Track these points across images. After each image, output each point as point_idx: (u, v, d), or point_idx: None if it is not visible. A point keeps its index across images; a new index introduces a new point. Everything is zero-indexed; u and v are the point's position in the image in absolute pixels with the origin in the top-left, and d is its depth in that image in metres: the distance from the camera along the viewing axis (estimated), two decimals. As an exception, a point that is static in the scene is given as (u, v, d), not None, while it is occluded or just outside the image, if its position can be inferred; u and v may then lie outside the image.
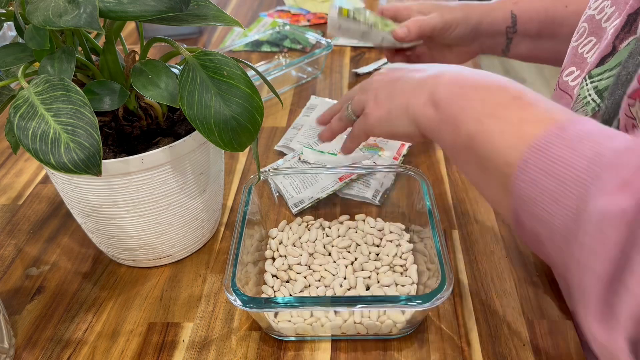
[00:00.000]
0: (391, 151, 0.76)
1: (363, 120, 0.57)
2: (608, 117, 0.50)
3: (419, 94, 0.51)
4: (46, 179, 0.80)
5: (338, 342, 0.54)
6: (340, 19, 0.80)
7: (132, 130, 0.58)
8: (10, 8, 0.52)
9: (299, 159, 0.75)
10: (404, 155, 0.76)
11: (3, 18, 0.53)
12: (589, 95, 0.52)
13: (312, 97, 0.91)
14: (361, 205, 0.68)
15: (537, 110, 0.42)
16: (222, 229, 0.69)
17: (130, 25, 1.25)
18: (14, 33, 1.07)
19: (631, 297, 0.31)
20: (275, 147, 0.81)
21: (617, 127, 0.48)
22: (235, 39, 1.17)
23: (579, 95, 0.53)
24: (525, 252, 0.63)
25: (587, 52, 0.55)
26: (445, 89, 0.49)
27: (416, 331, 0.55)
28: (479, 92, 0.46)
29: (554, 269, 0.43)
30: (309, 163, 0.74)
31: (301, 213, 0.68)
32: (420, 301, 0.48)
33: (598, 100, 0.51)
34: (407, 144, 0.77)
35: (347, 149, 0.63)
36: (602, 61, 0.51)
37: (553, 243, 0.38)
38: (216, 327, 0.57)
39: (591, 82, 0.52)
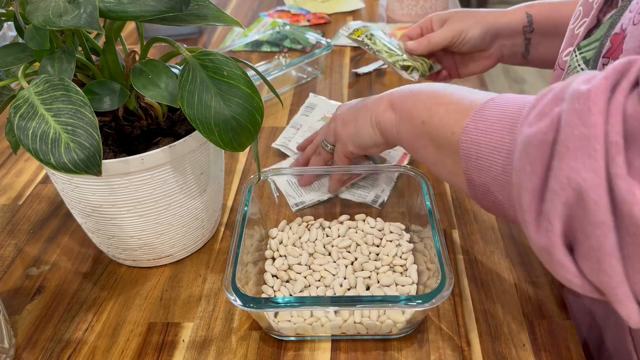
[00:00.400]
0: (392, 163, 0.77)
1: (337, 144, 0.66)
2: None
3: (379, 104, 0.61)
4: (46, 179, 0.80)
5: (338, 342, 0.54)
6: (349, 38, 0.85)
7: (132, 130, 0.58)
8: (10, 8, 0.52)
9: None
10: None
11: (3, 18, 0.53)
12: (579, 65, 0.57)
13: (311, 94, 0.91)
14: (361, 206, 0.68)
15: (472, 94, 0.51)
16: (222, 229, 0.69)
17: (130, 25, 1.25)
18: (14, 33, 1.07)
19: (555, 196, 0.37)
20: (273, 145, 0.81)
21: None
22: (235, 39, 1.17)
23: (569, 66, 0.59)
24: (525, 252, 0.63)
25: (578, 29, 0.60)
26: (398, 94, 0.59)
27: (416, 331, 0.55)
28: (425, 91, 0.56)
29: (508, 220, 0.48)
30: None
31: (301, 213, 0.68)
32: (420, 301, 0.48)
33: (586, 69, 0.56)
34: (408, 155, 0.77)
35: (334, 188, 0.69)
36: (588, 33, 0.56)
37: (500, 188, 0.45)
38: (216, 327, 0.57)
39: (580, 53, 0.57)
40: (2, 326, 0.54)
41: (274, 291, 0.58)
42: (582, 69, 0.56)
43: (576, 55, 0.58)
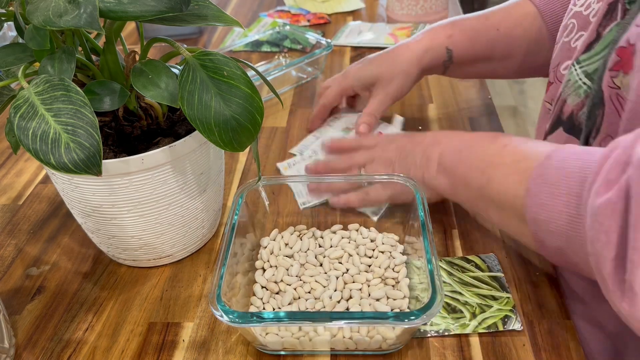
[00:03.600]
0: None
1: (383, 191, 0.65)
2: (598, 100, 0.54)
3: (429, 167, 0.61)
4: (46, 179, 0.80)
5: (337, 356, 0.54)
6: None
7: (132, 130, 0.58)
8: (11, 8, 0.52)
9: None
10: None
11: (3, 18, 0.53)
12: (580, 79, 0.57)
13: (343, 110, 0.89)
14: (358, 215, 0.67)
15: (524, 150, 0.52)
16: (222, 229, 0.69)
17: (131, 25, 1.25)
18: (14, 33, 1.07)
19: (636, 267, 0.37)
20: (290, 151, 0.81)
21: (602, 103, 0.53)
22: (235, 39, 1.17)
23: (569, 80, 0.58)
24: (525, 252, 0.63)
25: (575, 42, 0.60)
26: (448, 157, 0.60)
27: (416, 331, 0.55)
28: (475, 152, 0.57)
29: (582, 274, 0.48)
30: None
31: (294, 222, 0.66)
32: (408, 318, 0.47)
33: (589, 83, 0.56)
34: None
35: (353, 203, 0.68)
36: (588, 47, 0.56)
37: (575, 251, 0.45)
38: (216, 327, 0.57)
39: (580, 67, 0.57)
40: (2, 326, 0.54)
41: (263, 303, 0.57)
42: (584, 83, 0.56)
43: (576, 69, 0.57)
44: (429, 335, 0.54)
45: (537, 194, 0.47)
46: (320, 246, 0.63)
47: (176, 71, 0.57)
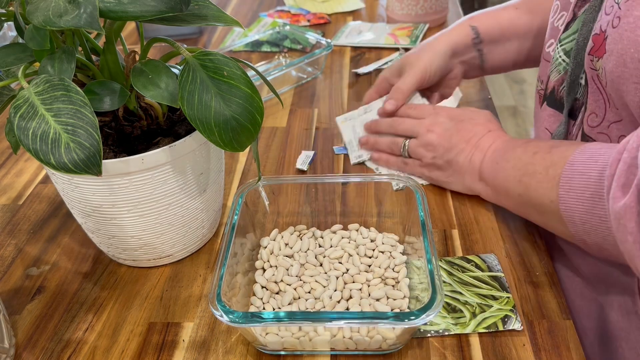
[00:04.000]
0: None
1: (420, 169, 0.72)
2: (575, 77, 0.60)
3: (472, 173, 0.67)
4: (46, 179, 0.80)
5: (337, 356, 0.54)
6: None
7: (132, 130, 0.58)
8: (11, 8, 0.52)
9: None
10: None
11: (3, 18, 0.53)
12: (560, 57, 0.63)
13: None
14: (358, 214, 0.67)
15: (552, 157, 0.56)
16: (222, 229, 0.69)
17: (131, 25, 1.25)
18: (14, 33, 1.07)
19: None
20: (337, 118, 0.84)
21: (585, 82, 0.58)
22: (235, 39, 1.17)
23: (553, 58, 0.64)
24: (525, 252, 0.63)
25: (557, 22, 0.65)
26: (487, 167, 0.64)
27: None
28: (510, 161, 0.61)
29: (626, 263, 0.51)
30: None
31: (294, 222, 0.66)
32: (408, 318, 0.47)
33: (567, 60, 0.62)
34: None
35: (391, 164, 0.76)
36: (567, 26, 0.62)
37: (613, 246, 0.49)
38: (216, 327, 0.57)
39: (560, 46, 0.62)
40: (2, 326, 0.54)
41: (263, 303, 0.57)
42: (563, 60, 0.62)
43: (557, 48, 0.63)
44: (429, 335, 0.54)
45: (567, 200, 0.52)
46: (320, 246, 0.63)
47: (176, 71, 0.57)
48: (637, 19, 0.48)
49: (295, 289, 0.58)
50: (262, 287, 0.59)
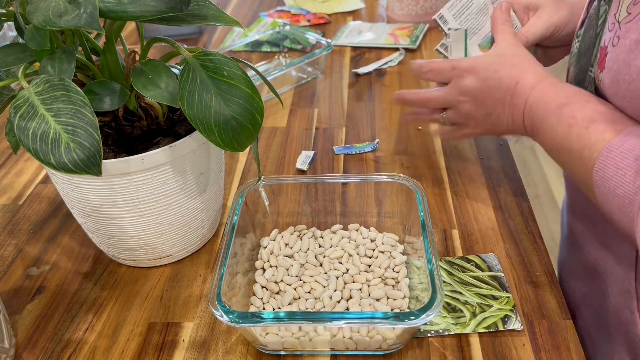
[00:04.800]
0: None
1: (471, 132, 0.68)
2: (577, 82, 0.61)
3: (517, 129, 0.63)
4: (46, 179, 0.80)
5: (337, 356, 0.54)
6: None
7: (132, 130, 0.58)
8: (11, 8, 0.52)
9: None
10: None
11: (3, 18, 0.53)
12: (576, 51, 0.62)
13: None
14: (358, 214, 0.67)
15: (590, 134, 0.53)
16: (222, 229, 0.69)
17: (131, 25, 1.25)
18: (14, 33, 1.07)
19: None
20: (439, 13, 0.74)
21: (595, 89, 0.58)
22: (235, 39, 1.17)
23: (572, 51, 0.63)
24: (525, 252, 0.63)
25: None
26: (530, 128, 0.60)
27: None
28: (547, 131, 0.57)
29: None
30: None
31: (294, 222, 0.66)
32: (408, 318, 0.47)
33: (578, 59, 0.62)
34: None
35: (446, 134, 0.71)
36: (582, 24, 0.61)
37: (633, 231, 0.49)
38: (216, 326, 0.57)
39: (577, 41, 0.62)
40: (2, 326, 0.54)
41: (263, 303, 0.57)
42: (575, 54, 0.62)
43: (576, 42, 0.62)
44: (429, 335, 0.54)
45: (600, 186, 0.51)
46: (320, 246, 0.63)
47: (176, 71, 0.57)
48: (633, 42, 0.49)
49: (295, 289, 0.58)
50: (262, 287, 0.59)
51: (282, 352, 0.54)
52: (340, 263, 0.61)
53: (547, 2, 0.71)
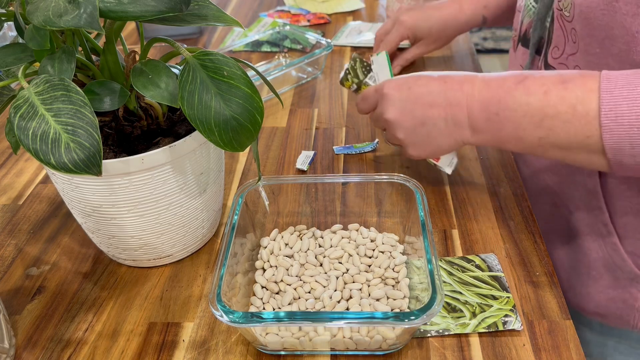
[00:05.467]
0: None
1: (409, 153, 0.67)
2: (541, 16, 0.68)
3: (461, 132, 0.61)
4: (46, 179, 0.80)
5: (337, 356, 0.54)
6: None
7: (132, 130, 0.58)
8: (11, 8, 0.52)
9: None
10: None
11: (3, 18, 0.53)
12: (530, 3, 0.70)
13: None
14: (358, 214, 0.67)
15: (573, 91, 0.54)
16: (222, 229, 0.69)
17: (131, 25, 1.25)
18: (14, 33, 1.08)
19: None
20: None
21: (551, 22, 0.66)
22: (235, 39, 1.17)
23: (525, 5, 0.72)
24: (525, 252, 0.63)
25: None
26: (481, 120, 0.59)
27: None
28: (517, 110, 0.57)
29: None
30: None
31: (294, 222, 0.66)
32: (408, 318, 0.47)
33: (535, 5, 0.69)
34: None
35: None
36: None
37: None
38: (216, 326, 0.57)
39: None
40: (2, 326, 0.54)
41: (263, 303, 0.57)
42: (533, 6, 0.70)
43: None
44: (429, 335, 0.54)
45: (614, 128, 0.52)
46: (320, 246, 0.63)
47: (176, 71, 0.57)
48: None
49: (295, 289, 0.58)
50: (262, 287, 0.59)
51: (282, 352, 0.54)
52: (340, 263, 0.61)
53: (430, 34, 0.93)
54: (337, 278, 0.59)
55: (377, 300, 0.56)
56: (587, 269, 0.70)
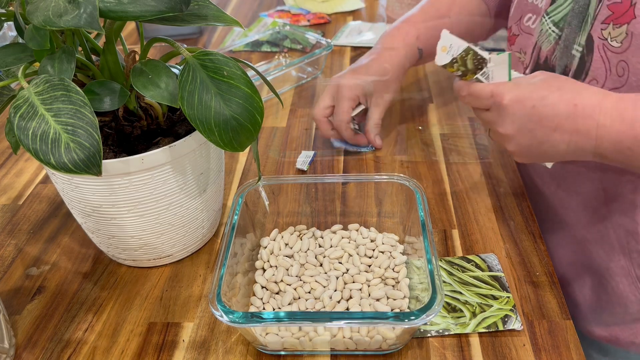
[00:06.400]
0: None
1: (507, 150, 0.61)
2: (567, 43, 0.64)
3: (581, 155, 0.57)
4: (46, 179, 0.80)
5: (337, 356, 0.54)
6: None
7: (132, 130, 0.58)
8: (11, 8, 0.52)
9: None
10: None
11: (3, 18, 0.53)
12: (549, 28, 0.66)
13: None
14: (358, 214, 0.67)
15: None
16: (222, 229, 0.69)
17: (130, 25, 1.25)
18: (14, 33, 1.08)
19: None
20: None
21: (588, 52, 0.62)
22: (236, 39, 1.17)
23: (541, 30, 0.68)
24: (525, 252, 0.63)
25: (537, 1, 0.70)
26: (609, 151, 0.55)
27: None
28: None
29: None
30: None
31: (294, 222, 0.66)
32: (408, 318, 0.47)
33: (557, 31, 0.66)
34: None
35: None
36: (553, 0, 0.66)
37: None
38: (216, 327, 0.57)
39: (549, 18, 0.66)
40: (2, 326, 0.54)
41: (263, 303, 0.57)
42: (552, 31, 0.66)
43: (546, 20, 0.67)
44: (429, 335, 0.54)
45: None
46: (320, 246, 0.63)
47: (176, 71, 0.57)
48: None
49: (295, 289, 0.58)
50: (262, 287, 0.59)
51: (282, 352, 0.54)
52: (340, 263, 0.61)
53: (376, 88, 0.80)
54: (337, 278, 0.59)
55: (377, 300, 0.56)
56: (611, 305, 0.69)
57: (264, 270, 0.61)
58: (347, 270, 0.60)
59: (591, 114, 0.54)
